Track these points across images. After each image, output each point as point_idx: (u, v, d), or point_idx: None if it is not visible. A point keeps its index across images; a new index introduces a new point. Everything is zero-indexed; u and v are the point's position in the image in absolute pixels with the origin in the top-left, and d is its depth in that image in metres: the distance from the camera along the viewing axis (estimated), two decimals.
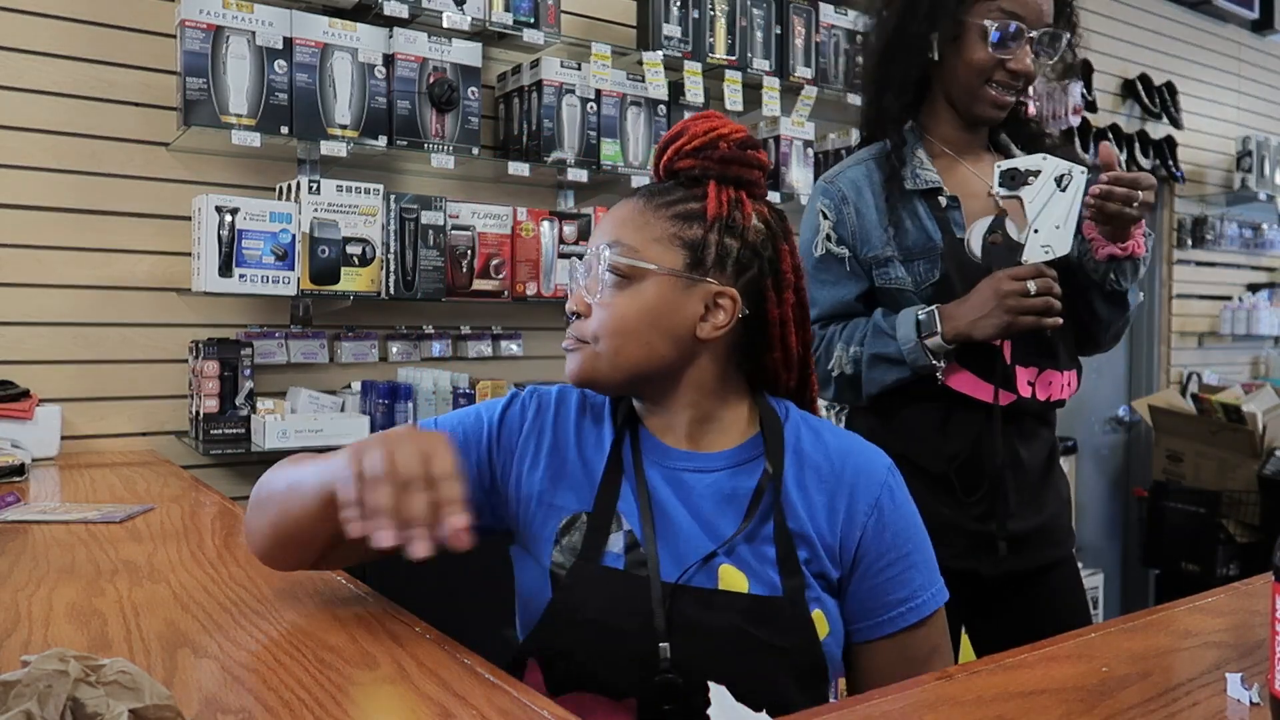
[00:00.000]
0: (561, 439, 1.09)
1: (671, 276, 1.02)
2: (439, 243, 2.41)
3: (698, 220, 1.03)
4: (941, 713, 0.74)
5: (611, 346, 1.02)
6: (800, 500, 1.04)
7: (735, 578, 1.00)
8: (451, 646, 0.88)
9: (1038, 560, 1.58)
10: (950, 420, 1.54)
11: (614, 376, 1.04)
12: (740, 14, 2.90)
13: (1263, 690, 0.76)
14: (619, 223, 1.05)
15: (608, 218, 1.07)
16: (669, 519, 1.02)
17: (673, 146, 1.07)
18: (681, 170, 1.07)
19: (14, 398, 2.03)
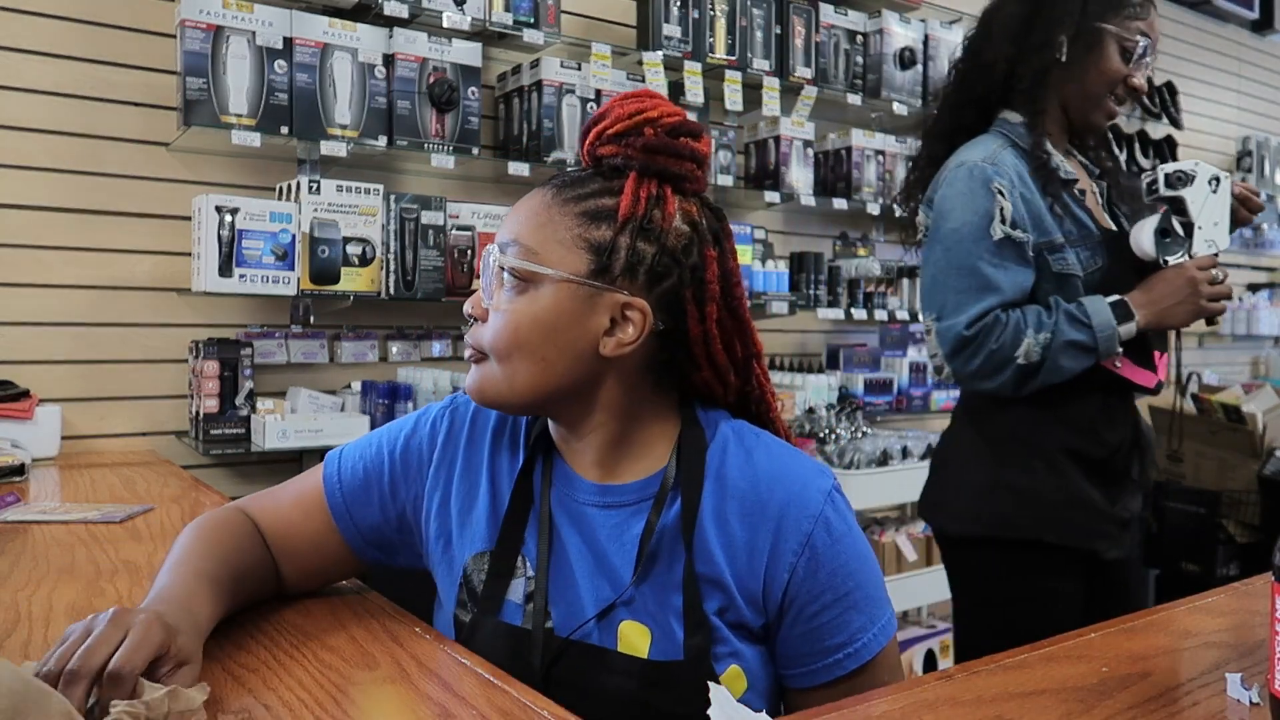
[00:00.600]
0: (473, 464, 0.98)
1: (571, 284, 0.88)
2: (439, 243, 2.41)
3: (608, 219, 0.89)
4: (941, 713, 0.74)
5: (505, 361, 0.90)
6: (717, 537, 0.90)
7: (636, 636, 0.89)
8: (451, 646, 0.88)
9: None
10: (1108, 407, 1.58)
11: (511, 398, 0.90)
12: (740, 14, 2.90)
13: (1263, 690, 0.76)
14: (522, 218, 0.92)
15: (513, 211, 0.94)
16: (568, 564, 0.92)
17: (595, 129, 0.93)
18: (603, 158, 0.93)
19: (14, 398, 2.03)
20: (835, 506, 0.91)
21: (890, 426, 3.41)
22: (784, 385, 3.05)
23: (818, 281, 3.14)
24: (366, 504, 1.00)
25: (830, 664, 0.90)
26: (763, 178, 3.11)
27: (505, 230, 0.93)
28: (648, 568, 0.90)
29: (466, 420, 1.01)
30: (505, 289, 0.90)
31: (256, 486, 2.38)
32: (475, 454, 0.99)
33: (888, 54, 3.19)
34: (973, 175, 1.56)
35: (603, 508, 0.93)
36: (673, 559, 0.90)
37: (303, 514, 1.00)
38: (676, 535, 0.90)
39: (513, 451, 0.99)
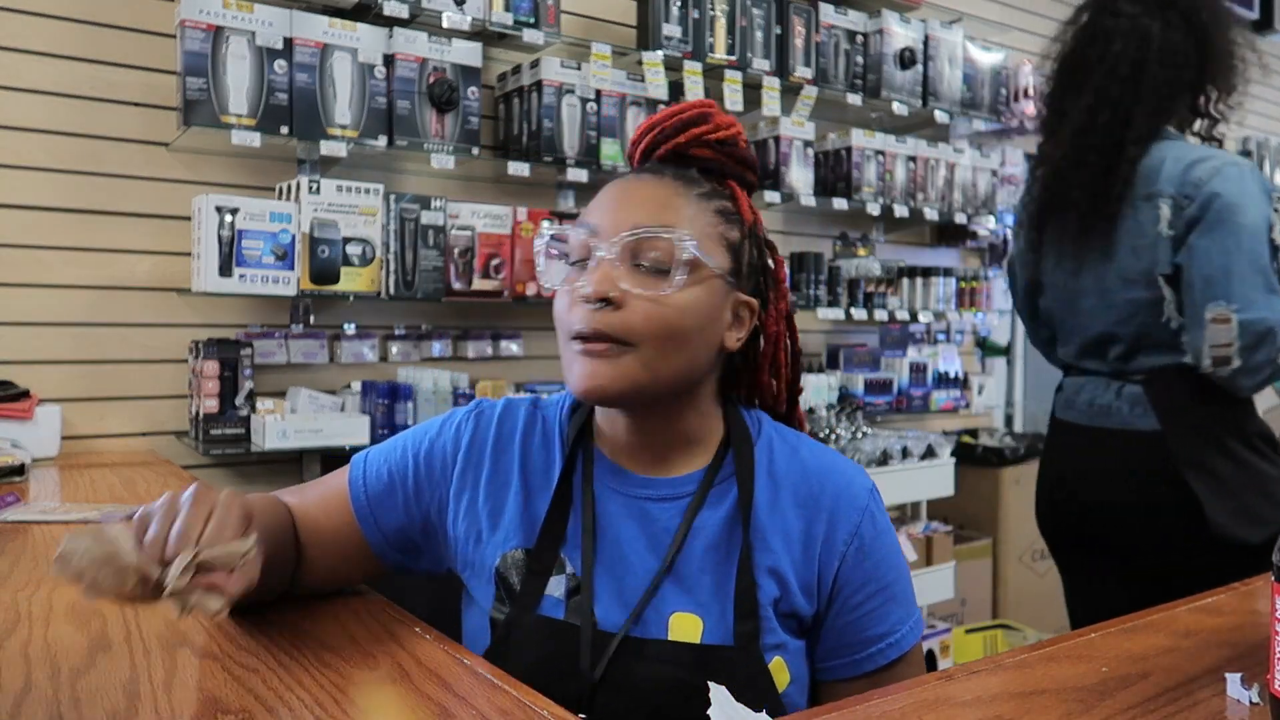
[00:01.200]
0: (503, 465, 0.98)
1: (722, 280, 0.92)
2: (439, 243, 2.41)
3: (736, 222, 0.95)
4: (941, 713, 0.74)
5: (657, 349, 0.87)
6: (774, 525, 0.93)
7: (689, 625, 0.90)
8: (451, 646, 0.88)
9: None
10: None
11: (651, 386, 0.89)
12: (740, 14, 2.90)
13: (1263, 690, 0.76)
14: (663, 206, 0.90)
15: (641, 198, 0.91)
16: (623, 557, 0.93)
17: (693, 130, 0.95)
18: (697, 159, 0.96)
19: (14, 398, 2.03)
20: (877, 502, 0.97)
21: (890, 426, 3.41)
22: None
23: (818, 281, 3.14)
24: (391, 507, 1.00)
25: (873, 654, 0.93)
26: (763, 178, 3.11)
27: (655, 216, 0.89)
28: (707, 558, 0.92)
29: (493, 423, 1.01)
30: (677, 275, 0.88)
31: (256, 487, 2.39)
32: (504, 455, 0.99)
33: (888, 54, 3.19)
34: (1255, 176, 1.62)
35: (657, 500, 0.95)
36: (730, 548, 0.92)
37: (326, 513, 1.00)
38: (733, 524, 0.93)
39: (546, 450, 0.99)
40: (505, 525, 0.96)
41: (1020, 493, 3.52)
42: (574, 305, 0.89)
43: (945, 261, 3.77)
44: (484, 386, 2.51)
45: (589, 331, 0.87)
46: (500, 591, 0.95)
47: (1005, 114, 3.65)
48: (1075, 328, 1.82)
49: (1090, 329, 1.78)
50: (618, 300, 0.87)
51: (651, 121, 0.97)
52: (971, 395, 3.61)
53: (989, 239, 3.88)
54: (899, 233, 3.73)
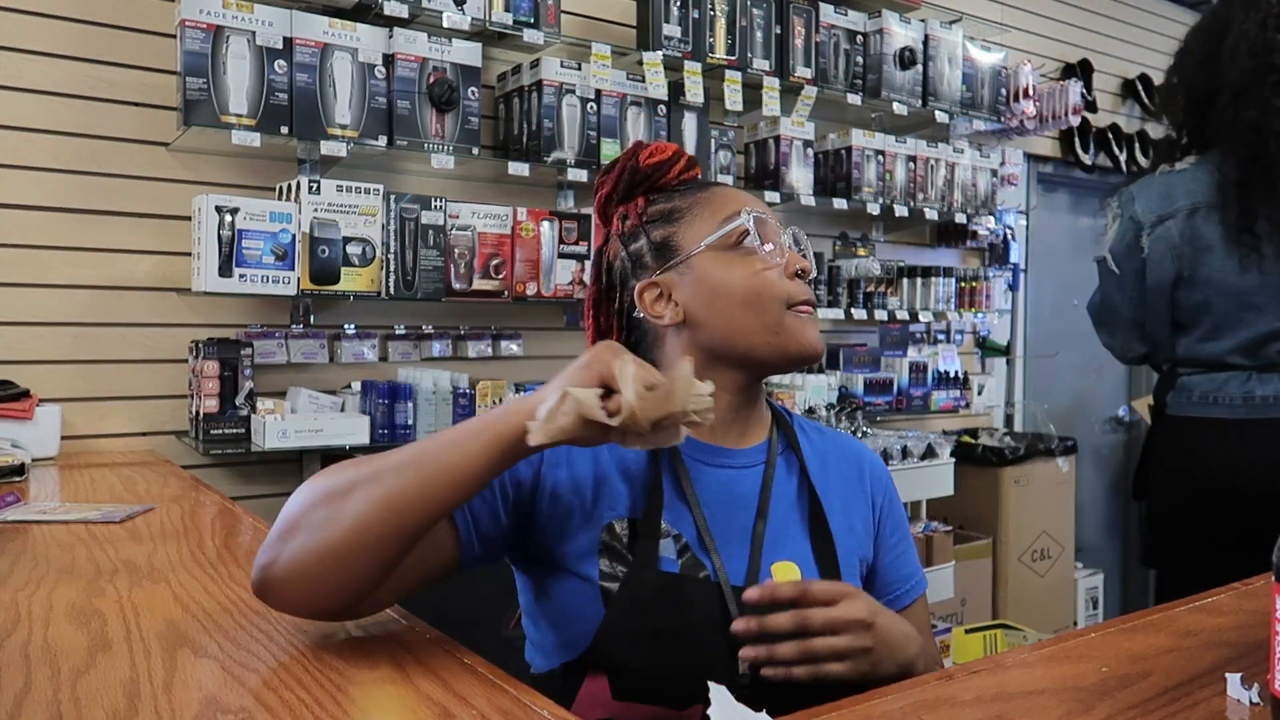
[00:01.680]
0: (588, 451, 1.03)
1: None
2: (439, 243, 2.41)
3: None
4: (942, 713, 0.74)
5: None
6: (835, 490, 1.09)
7: (789, 571, 1.02)
8: (451, 646, 0.88)
9: None
10: None
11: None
12: (740, 14, 2.90)
13: (1263, 690, 0.76)
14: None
15: (743, 195, 1.10)
16: (718, 517, 1.02)
17: (681, 163, 1.12)
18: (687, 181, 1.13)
19: (14, 398, 2.03)
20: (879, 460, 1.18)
21: (890, 426, 3.41)
22: (784, 385, 3.05)
23: (818, 281, 3.14)
24: (485, 493, 0.96)
25: (908, 589, 1.12)
26: (763, 178, 3.11)
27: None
28: (790, 514, 1.05)
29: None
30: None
31: (257, 486, 2.39)
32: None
33: (888, 54, 3.19)
34: None
35: (740, 469, 1.05)
36: (802, 507, 1.06)
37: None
38: (800, 487, 1.07)
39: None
40: (605, 497, 1.00)
41: (1020, 492, 3.52)
42: (789, 278, 1.04)
43: (945, 261, 3.77)
44: (484, 387, 2.51)
45: (805, 303, 1.04)
46: (606, 561, 0.98)
47: (1005, 114, 3.65)
48: (1238, 323, 1.85)
49: (1260, 325, 1.83)
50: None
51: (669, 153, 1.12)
52: (971, 395, 3.61)
53: (989, 239, 3.88)
54: (899, 233, 3.73)
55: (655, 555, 0.97)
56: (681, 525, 1.00)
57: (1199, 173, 1.89)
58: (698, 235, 1.05)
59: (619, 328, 1.11)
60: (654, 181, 1.11)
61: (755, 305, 1.02)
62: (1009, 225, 3.91)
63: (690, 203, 1.08)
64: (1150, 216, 1.93)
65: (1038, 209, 4.32)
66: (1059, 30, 4.33)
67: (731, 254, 1.03)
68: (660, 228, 1.08)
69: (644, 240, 1.08)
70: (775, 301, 1.02)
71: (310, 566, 0.83)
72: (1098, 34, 4.49)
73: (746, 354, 1.03)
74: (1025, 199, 4.16)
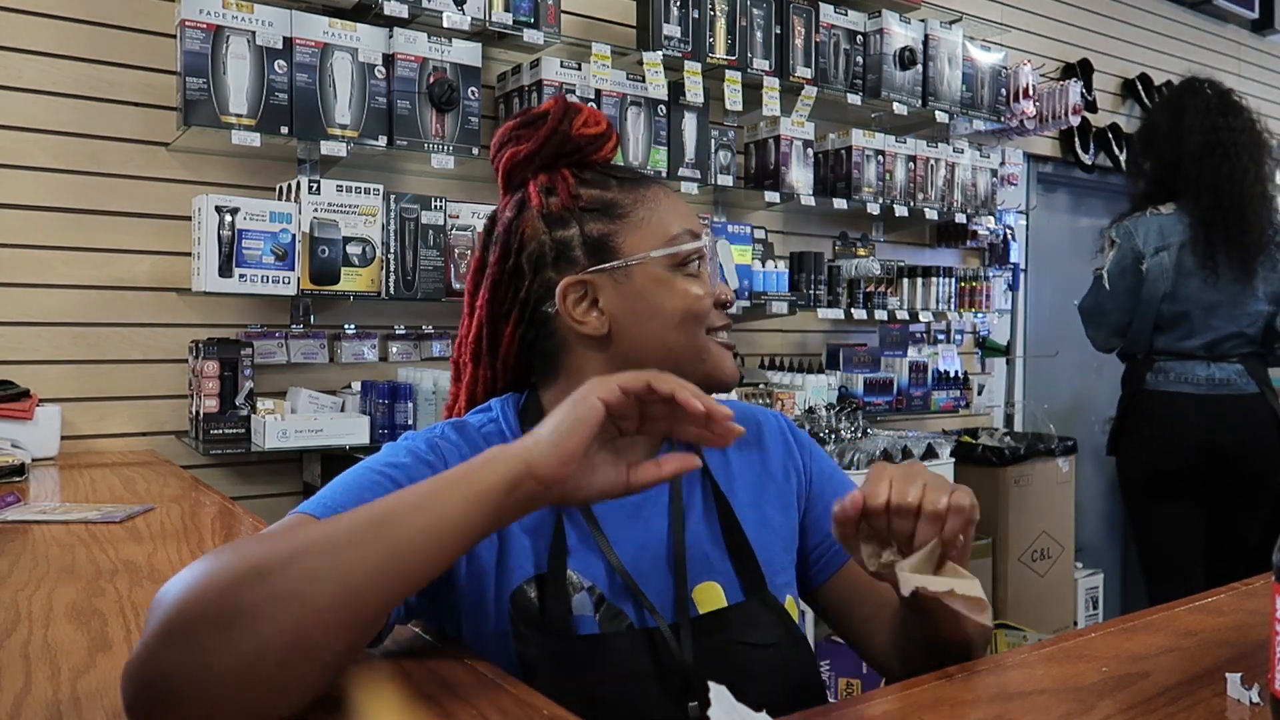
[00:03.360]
0: None
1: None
2: (439, 243, 2.41)
3: None
4: (941, 713, 0.74)
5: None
6: (740, 481, 1.02)
7: (711, 595, 0.94)
8: (451, 646, 0.88)
9: None
10: None
11: None
12: (740, 14, 2.90)
13: (1263, 690, 0.76)
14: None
15: (685, 206, 1.02)
16: (634, 553, 0.93)
17: (612, 142, 1.01)
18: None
19: (14, 398, 2.03)
20: (785, 418, 1.11)
21: (890, 426, 3.41)
22: (784, 385, 3.05)
23: (818, 281, 3.14)
24: None
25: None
26: (762, 178, 3.11)
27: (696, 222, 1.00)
28: (700, 526, 0.97)
29: (462, 445, 0.93)
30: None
31: (257, 487, 2.39)
32: None
33: (888, 54, 3.19)
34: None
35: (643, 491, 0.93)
36: (708, 510, 0.98)
37: None
38: (704, 490, 0.99)
39: None
40: (515, 554, 0.90)
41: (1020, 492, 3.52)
42: (714, 308, 0.98)
43: (945, 261, 3.77)
44: None
45: (725, 333, 0.99)
46: (519, 627, 0.88)
47: (1005, 114, 3.65)
48: (1205, 327, 2.63)
49: (1222, 329, 2.62)
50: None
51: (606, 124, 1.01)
52: (971, 395, 3.61)
53: (989, 239, 3.88)
54: (899, 233, 3.73)
55: (569, 619, 0.88)
56: (593, 571, 0.91)
57: (1180, 216, 2.63)
58: (642, 243, 0.96)
59: (517, 319, 0.99)
60: (585, 155, 0.99)
61: (688, 330, 0.95)
62: (1009, 225, 3.91)
63: (633, 202, 0.97)
64: (1149, 248, 2.65)
65: (1038, 209, 4.32)
66: (1059, 30, 4.33)
67: (674, 272, 0.95)
68: (598, 221, 0.96)
69: (576, 230, 0.96)
70: (698, 327, 0.96)
71: (232, 678, 0.61)
72: (1098, 34, 4.49)
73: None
74: (1025, 199, 4.16)
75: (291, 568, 0.63)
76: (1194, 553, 2.72)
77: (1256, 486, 2.65)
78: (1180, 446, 2.66)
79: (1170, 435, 2.68)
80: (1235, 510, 2.70)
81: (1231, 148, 2.60)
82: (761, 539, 0.99)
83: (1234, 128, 2.64)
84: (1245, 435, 2.62)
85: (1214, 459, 2.62)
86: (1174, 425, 2.67)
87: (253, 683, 0.62)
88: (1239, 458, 2.62)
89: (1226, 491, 2.67)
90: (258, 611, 0.61)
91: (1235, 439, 2.62)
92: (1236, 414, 2.63)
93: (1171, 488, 2.70)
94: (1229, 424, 2.63)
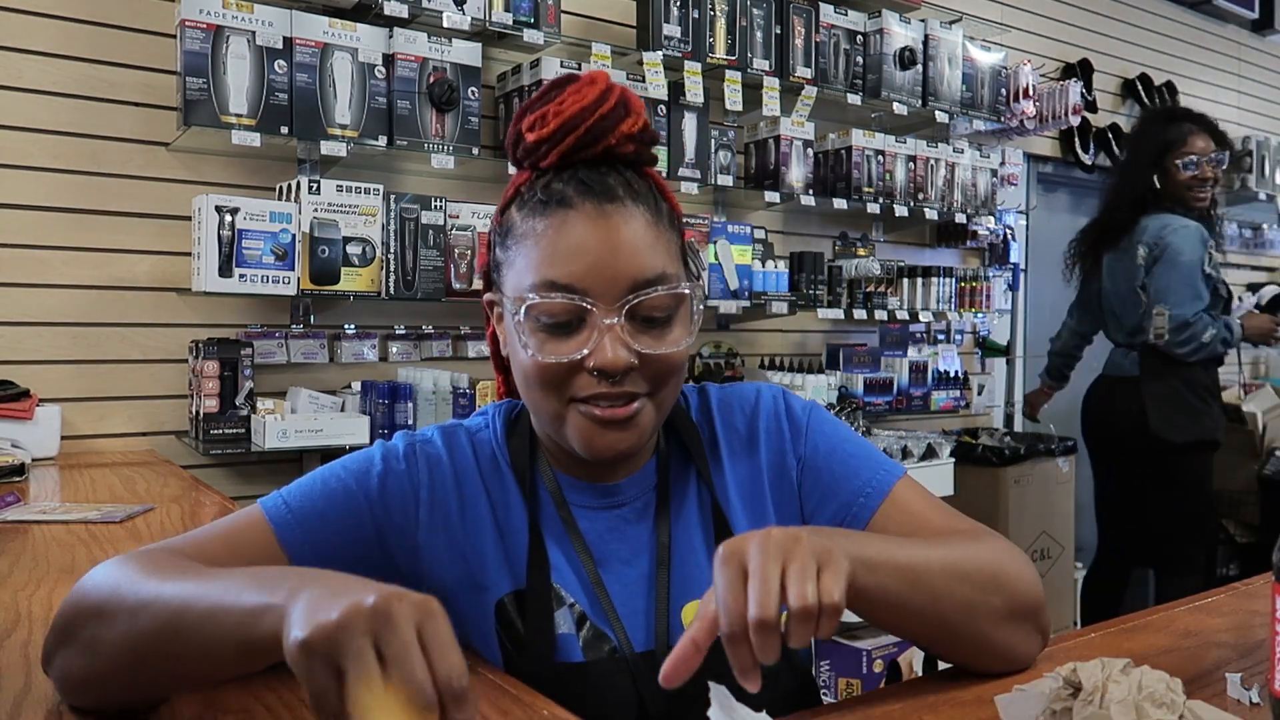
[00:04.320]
0: (470, 504, 0.89)
1: (696, 297, 0.87)
2: (439, 243, 2.41)
3: (675, 222, 0.88)
4: (942, 713, 0.74)
5: (671, 390, 0.86)
6: (735, 487, 0.93)
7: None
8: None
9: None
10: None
11: (657, 428, 0.88)
12: (740, 14, 2.90)
13: (1263, 690, 0.76)
14: (648, 246, 0.83)
15: (617, 236, 0.81)
16: (617, 572, 0.88)
17: (621, 129, 0.83)
18: (623, 156, 0.85)
19: (14, 398, 2.03)
20: (789, 396, 0.98)
21: (890, 426, 3.41)
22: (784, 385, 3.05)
23: (818, 281, 3.14)
24: (344, 553, 0.83)
25: (855, 509, 0.90)
26: (762, 178, 3.11)
27: (647, 262, 0.82)
28: (692, 540, 0.90)
29: (442, 458, 0.90)
30: (685, 326, 0.85)
31: (256, 486, 2.39)
32: (470, 492, 0.89)
33: (888, 54, 3.19)
34: (1192, 229, 2.83)
35: (630, 503, 0.91)
36: (701, 520, 0.91)
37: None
38: (700, 501, 0.92)
39: (500, 479, 0.91)
40: (491, 569, 0.87)
41: (1020, 492, 3.52)
42: (574, 373, 0.82)
43: (945, 261, 3.77)
44: (484, 387, 2.51)
45: (605, 402, 0.82)
46: (504, 643, 0.87)
47: (1005, 114, 3.65)
48: (1113, 317, 3.06)
49: (1124, 318, 3.01)
50: (635, 365, 0.82)
51: (566, 118, 0.82)
52: (971, 395, 3.61)
53: (989, 239, 3.88)
54: (899, 233, 3.73)
55: (552, 640, 0.84)
56: (574, 586, 0.87)
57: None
58: (510, 281, 0.84)
59: (487, 319, 0.95)
60: (534, 161, 0.85)
61: (534, 390, 0.84)
62: (1009, 225, 3.91)
63: (528, 231, 0.83)
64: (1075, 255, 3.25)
65: (1038, 209, 4.32)
66: (1059, 30, 4.33)
67: (529, 323, 0.82)
68: (499, 244, 0.87)
69: (492, 240, 0.90)
70: (554, 395, 0.83)
71: (78, 676, 0.71)
72: (1098, 34, 4.49)
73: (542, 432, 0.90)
74: (1025, 199, 4.16)
75: (111, 624, 0.67)
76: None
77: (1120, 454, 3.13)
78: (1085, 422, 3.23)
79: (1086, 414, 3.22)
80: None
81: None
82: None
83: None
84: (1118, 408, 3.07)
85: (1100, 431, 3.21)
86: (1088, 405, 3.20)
87: (96, 682, 0.70)
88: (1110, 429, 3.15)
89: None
90: (82, 644, 0.70)
91: (1111, 411, 3.15)
92: (1114, 391, 3.10)
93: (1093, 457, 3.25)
94: (1104, 400, 3.18)
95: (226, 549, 0.81)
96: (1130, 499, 3.03)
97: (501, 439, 0.93)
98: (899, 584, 0.74)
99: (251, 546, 0.81)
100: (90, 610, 0.69)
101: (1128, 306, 2.93)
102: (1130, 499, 3.03)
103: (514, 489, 0.90)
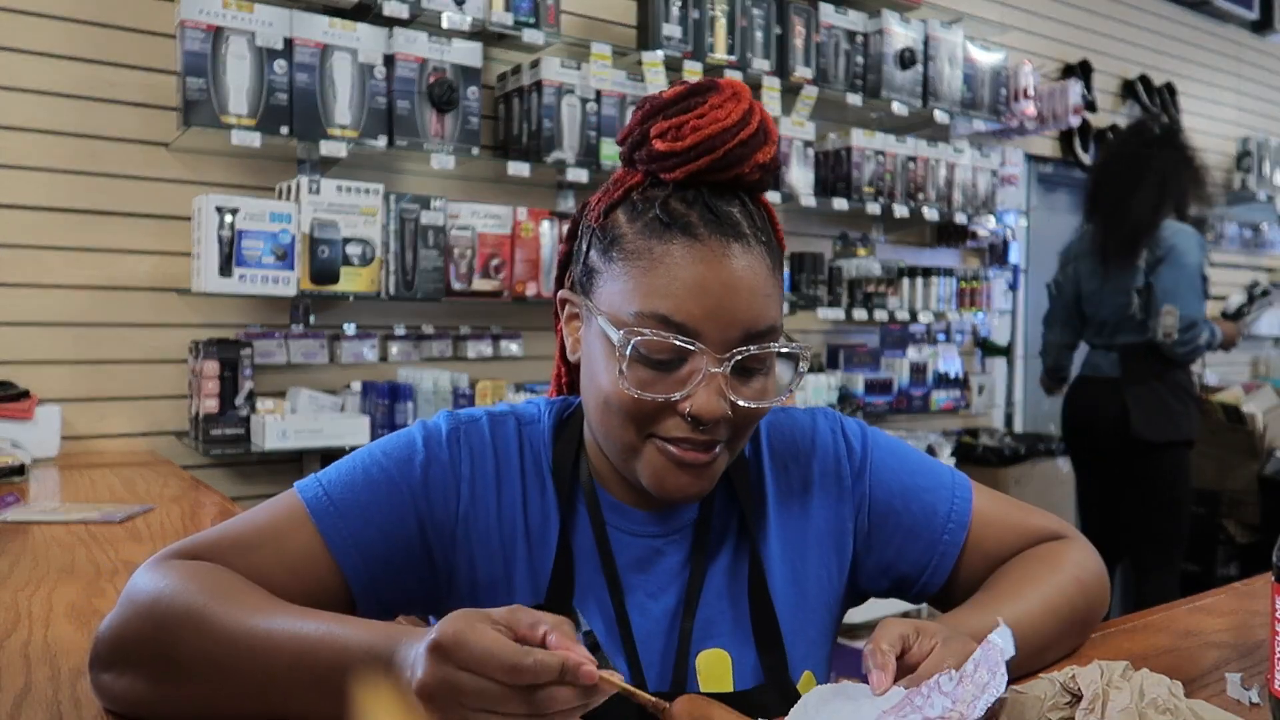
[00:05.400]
0: (507, 502, 0.84)
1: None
2: (439, 243, 2.41)
3: (782, 260, 0.83)
4: None
5: (744, 443, 0.83)
6: (780, 532, 0.89)
7: (717, 665, 0.83)
8: None
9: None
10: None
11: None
12: (740, 14, 2.90)
13: (1263, 690, 0.76)
14: (765, 295, 0.78)
15: (738, 281, 0.76)
16: (642, 605, 0.84)
17: (757, 158, 0.78)
18: (749, 184, 0.80)
19: (14, 398, 2.03)
20: (845, 426, 0.94)
21: (890, 426, 3.41)
22: None
23: (818, 281, 3.14)
24: (387, 549, 0.81)
25: (942, 549, 0.90)
26: None
27: (762, 312, 0.77)
28: (723, 585, 0.86)
29: (487, 450, 0.85)
30: (787, 383, 0.83)
31: (256, 486, 2.39)
32: (509, 487, 0.85)
33: (888, 54, 3.19)
34: (1191, 235, 2.90)
35: (667, 536, 0.86)
36: (735, 564, 0.87)
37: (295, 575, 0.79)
38: (733, 536, 0.88)
39: (540, 485, 0.86)
40: (518, 575, 0.84)
41: (1021, 492, 3.52)
42: (664, 412, 0.78)
43: (945, 261, 3.78)
44: (484, 387, 2.51)
45: (687, 445, 0.78)
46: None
47: (1005, 114, 3.65)
48: (1094, 320, 3.07)
49: (1105, 319, 3.02)
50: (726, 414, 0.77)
51: (705, 136, 0.76)
52: (971, 395, 3.61)
53: (989, 239, 3.88)
54: (899, 233, 3.73)
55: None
56: (594, 615, 0.83)
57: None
58: (607, 300, 0.78)
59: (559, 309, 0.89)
60: (656, 171, 0.79)
61: (607, 416, 0.79)
62: (1009, 225, 3.91)
63: (635, 251, 0.77)
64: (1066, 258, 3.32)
65: (1038, 209, 4.32)
66: (1059, 30, 4.33)
67: (621, 348, 0.76)
68: (598, 250, 0.81)
69: (584, 245, 0.84)
70: (633, 425, 0.78)
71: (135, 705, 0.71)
72: (1098, 34, 4.49)
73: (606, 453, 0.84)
74: (1025, 199, 4.16)
75: (192, 656, 0.68)
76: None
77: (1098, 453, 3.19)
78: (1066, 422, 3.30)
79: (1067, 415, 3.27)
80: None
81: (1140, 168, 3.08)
82: (795, 617, 0.87)
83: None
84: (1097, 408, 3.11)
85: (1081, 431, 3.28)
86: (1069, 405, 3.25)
87: (159, 702, 0.70)
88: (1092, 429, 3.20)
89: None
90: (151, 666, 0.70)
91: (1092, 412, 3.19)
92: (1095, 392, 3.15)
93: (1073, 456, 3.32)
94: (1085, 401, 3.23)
95: (274, 553, 0.79)
96: (1110, 498, 3.06)
97: (549, 440, 0.88)
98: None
99: (294, 544, 0.79)
100: (165, 636, 0.69)
101: (1116, 308, 2.95)
102: (1110, 498, 3.06)
103: (552, 497, 0.85)
